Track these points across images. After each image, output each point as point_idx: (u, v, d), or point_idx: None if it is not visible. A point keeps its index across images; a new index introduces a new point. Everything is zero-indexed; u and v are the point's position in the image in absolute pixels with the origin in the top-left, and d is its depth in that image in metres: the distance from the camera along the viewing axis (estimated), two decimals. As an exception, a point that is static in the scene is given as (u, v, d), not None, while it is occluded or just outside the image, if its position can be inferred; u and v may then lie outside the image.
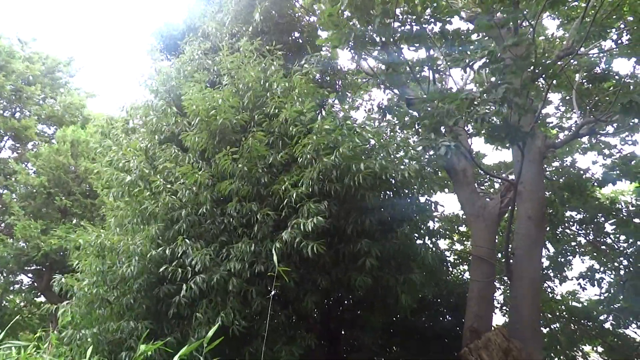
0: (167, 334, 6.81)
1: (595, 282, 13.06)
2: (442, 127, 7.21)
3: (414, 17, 7.31)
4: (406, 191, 8.40)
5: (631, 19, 9.53)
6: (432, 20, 7.26)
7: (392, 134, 8.96)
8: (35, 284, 19.34)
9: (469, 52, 7.23)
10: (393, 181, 7.77)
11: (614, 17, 9.34)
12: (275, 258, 5.32)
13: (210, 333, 3.93)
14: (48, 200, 17.51)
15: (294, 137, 7.68)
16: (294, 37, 11.45)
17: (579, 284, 13.14)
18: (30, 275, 19.35)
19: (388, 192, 8.27)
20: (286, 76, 8.64)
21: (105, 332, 6.86)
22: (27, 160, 19.32)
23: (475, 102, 6.36)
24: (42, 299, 20.14)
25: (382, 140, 8.23)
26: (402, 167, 7.87)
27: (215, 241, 7.37)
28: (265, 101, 8.32)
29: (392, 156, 8.11)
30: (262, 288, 7.19)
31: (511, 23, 7.26)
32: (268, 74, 8.58)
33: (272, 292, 5.60)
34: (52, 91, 21.51)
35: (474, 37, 9.67)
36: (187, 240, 7.08)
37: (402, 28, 7.48)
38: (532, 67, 6.58)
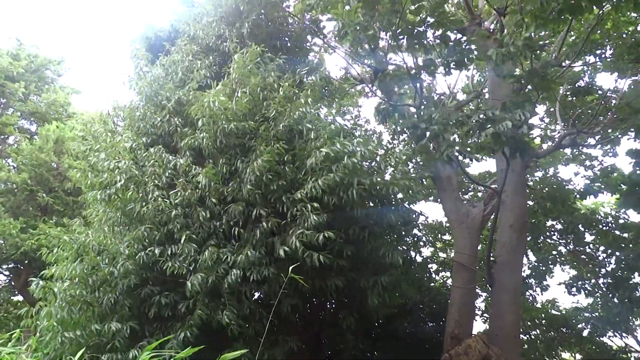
0: (148, 336, 6.77)
1: (575, 289, 13.30)
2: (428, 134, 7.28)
3: (417, 19, 7.32)
4: (391, 199, 8.58)
5: (615, 34, 9.77)
6: (435, 24, 7.31)
7: (378, 141, 9.06)
8: (12, 283, 18.96)
9: (467, 60, 7.32)
10: (381, 191, 7.93)
11: (599, 31, 9.57)
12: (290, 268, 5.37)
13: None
14: (29, 197, 17.22)
15: (297, 143, 7.85)
16: (282, 42, 11.45)
17: (567, 289, 13.38)
18: (7, 273, 18.97)
19: (375, 203, 8.45)
20: (293, 84, 8.80)
21: (87, 335, 6.78)
22: (8, 155, 18.98)
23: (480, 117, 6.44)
24: (19, 297, 19.76)
25: (370, 148, 8.34)
26: (388, 177, 8.04)
27: (207, 245, 7.35)
28: (266, 106, 8.41)
29: (381, 165, 8.28)
30: (248, 291, 7.27)
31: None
32: (267, 82, 8.76)
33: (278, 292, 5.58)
34: (37, 89, 21.20)
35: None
36: (193, 236, 7.13)
37: (407, 27, 7.47)
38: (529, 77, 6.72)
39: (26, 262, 16.94)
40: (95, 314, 7.10)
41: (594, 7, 6.52)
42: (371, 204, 8.42)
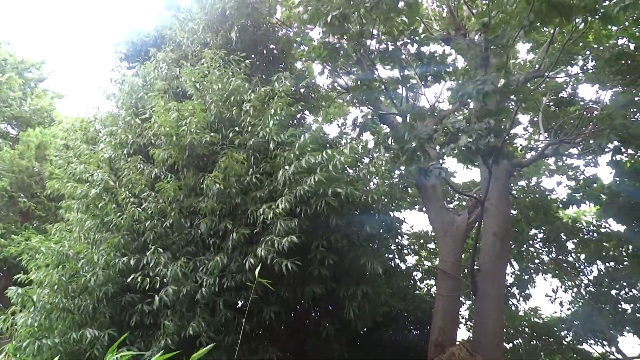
0: (129, 344, 6.68)
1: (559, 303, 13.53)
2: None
3: (390, 37, 7.49)
4: (374, 208, 8.50)
5: (596, 46, 9.97)
6: (409, 41, 7.48)
7: (362, 151, 9.03)
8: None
9: (444, 74, 7.47)
10: (361, 200, 7.83)
11: (580, 44, 9.76)
12: (257, 271, 5.31)
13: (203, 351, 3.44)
14: (9, 203, 16.93)
15: (271, 153, 7.73)
16: (269, 48, 11.45)
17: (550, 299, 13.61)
18: (-15, 280, 18.52)
19: (355, 212, 8.34)
20: (254, 89, 8.59)
21: (65, 342, 6.67)
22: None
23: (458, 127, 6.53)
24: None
25: (353, 156, 8.31)
26: (371, 186, 8.00)
27: (183, 253, 7.31)
28: (234, 116, 8.26)
29: (361, 174, 8.23)
30: (229, 299, 7.19)
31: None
32: (232, 87, 8.47)
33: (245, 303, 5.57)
34: (21, 91, 20.93)
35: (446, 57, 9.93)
36: (160, 249, 7.03)
37: (378, 46, 7.66)
38: (508, 89, 6.84)
39: (5, 268, 16.60)
40: (74, 321, 7.00)
41: (565, 20, 6.70)
42: (355, 212, 8.38)
